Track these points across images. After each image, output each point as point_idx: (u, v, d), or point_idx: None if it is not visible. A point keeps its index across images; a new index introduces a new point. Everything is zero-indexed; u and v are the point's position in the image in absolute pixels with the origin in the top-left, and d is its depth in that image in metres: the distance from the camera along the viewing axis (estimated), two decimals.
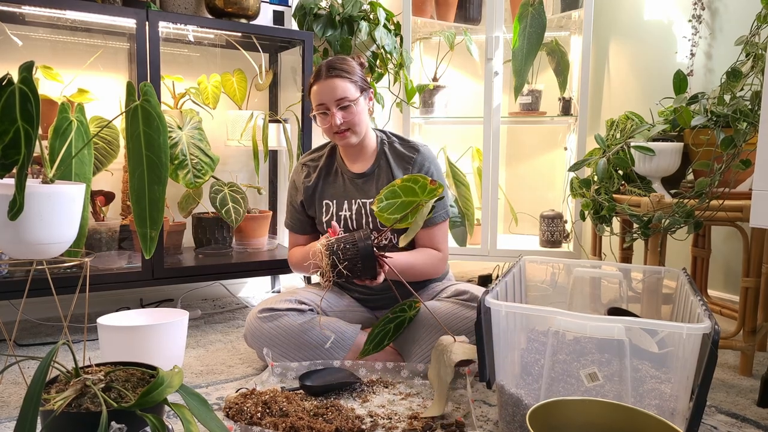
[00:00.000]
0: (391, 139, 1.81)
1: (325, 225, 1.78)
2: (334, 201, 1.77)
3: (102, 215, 2.18)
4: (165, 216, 1.75)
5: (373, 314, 1.80)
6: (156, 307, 2.31)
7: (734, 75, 1.74)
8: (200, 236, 2.36)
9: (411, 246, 1.80)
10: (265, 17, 2.33)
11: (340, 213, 1.76)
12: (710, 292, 2.41)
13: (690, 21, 2.46)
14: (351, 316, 1.76)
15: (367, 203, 1.74)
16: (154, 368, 1.13)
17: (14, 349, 1.84)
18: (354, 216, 1.75)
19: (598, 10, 2.84)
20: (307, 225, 1.85)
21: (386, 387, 1.50)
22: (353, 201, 1.75)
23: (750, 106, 1.65)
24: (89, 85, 2.13)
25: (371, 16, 2.47)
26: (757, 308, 1.73)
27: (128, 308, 1.95)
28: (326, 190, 1.79)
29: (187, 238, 2.40)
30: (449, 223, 2.49)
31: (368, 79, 1.75)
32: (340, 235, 1.48)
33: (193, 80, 2.38)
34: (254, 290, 2.70)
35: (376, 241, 1.47)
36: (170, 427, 1.03)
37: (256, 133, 2.28)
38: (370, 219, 1.74)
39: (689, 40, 2.47)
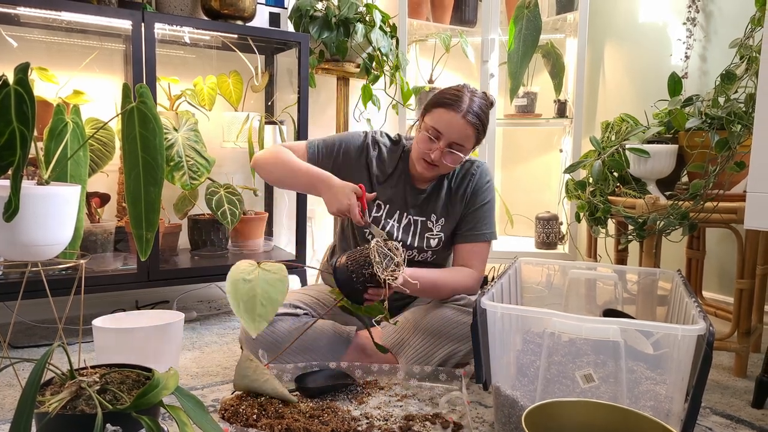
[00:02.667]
0: None
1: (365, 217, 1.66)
2: (388, 206, 1.68)
3: (97, 217, 2.17)
4: (161, 218, 1.75)
5: (367, 317, 1.80)
6: (151, 308, 2.30)
7: (728, 77, 1.75)
8: (196, 238, 2.36)
9: (446, 260, 1.78)
10: (261, 19, 2.33)
11: (388, 220, 1.68)
12: (705, 293, 2.42)
13: (685, 24, 2.47)
14: (346, 319, 1.76)
15: (419, 222, 1.68)
16: (149, 370, 1.12)
17: (9, 351, 1.84)
18: (402, 228, 1.68)
19: (593, 13, 2.85)
20: (328, 168, 1.64)
21: (382, 388, 1.50)
22: (405, 215, 1.69)
23: (744, 109, 1.66)
24: (85, 87, 2.13)
25: (367, 18, 2.47)
26: (751, 310, 1.74)
27: (123, 310, 1.95)
28: (385, 190, 1.68)
29: (183, 240, 2.39)
30: None
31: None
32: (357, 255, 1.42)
33: (189, 82, 2.37)
34: None
35: (367, 276, 1.40)
36: (165, 429, 1.03)
37: (252, 135, 2.28)
38: (417, 237, 1.68)
39: (684, 42, 2.49)
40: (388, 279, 1.38)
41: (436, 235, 1.69)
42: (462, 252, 1.69)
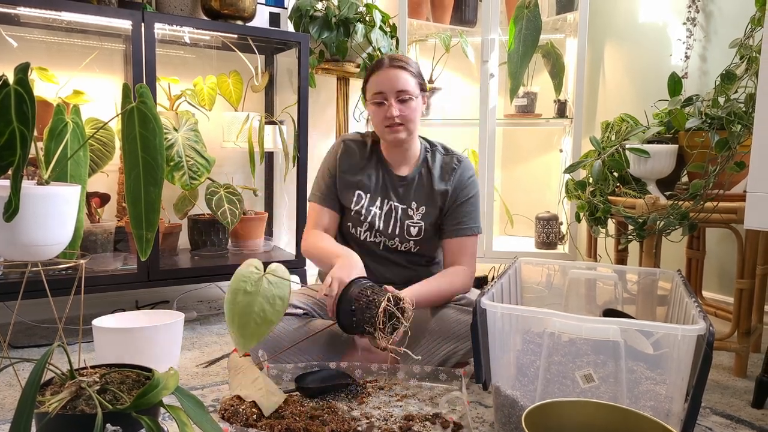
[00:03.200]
0: (435, 147, 1.78)
1: (348, 220, 1.73)
2: (368, 195, 1.72)
3: (97, 217, 2.17)
4: (161, 218, 1.75)
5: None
6: (151, 308, 2.30)
7: (728, 77, 1.75)
8: (196, 238, 2.36)
9: (433, 257, 1.80)
10: (261, 19, 2.33)
11: (370, 208, 1.72)
12: (705, 293, 2.42)
13: (684, 24, 2.47)
14: None
15: (400, 209, 1.72)
16: (149, 370, 1.12)
17: (9, 351, 1.84)
18: (383, 216, 1.72)
19: (593, 13, 2.85)
20: (334, 201, 1.75)
21: (382, 388, 1.50)
22: (386, 201, 1.72)
23: (744, 109, 1.66)
24: (85, 87, 2.13)
25: (367, 18, 2.47)
26: (751, 310, 1.74)
27: (123, 310, 1.95)
28: (362, 181, 1.73)
29: (183, 240, 2.39)
30: None
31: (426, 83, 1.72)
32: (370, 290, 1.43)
33: (189, 82, 2.37)
34: None
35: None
36: (165, 429, 1.03)
37: (252, 135, 2.28)
38: (398, 224, 1.71)
39: (684, 42, 2.49)
40: (387, 344, 1.38)
41: (417, 223, 1.71)
42: (451, 247, 1.71)
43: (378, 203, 1.72)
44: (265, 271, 1.35)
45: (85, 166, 1.45)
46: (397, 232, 1.72)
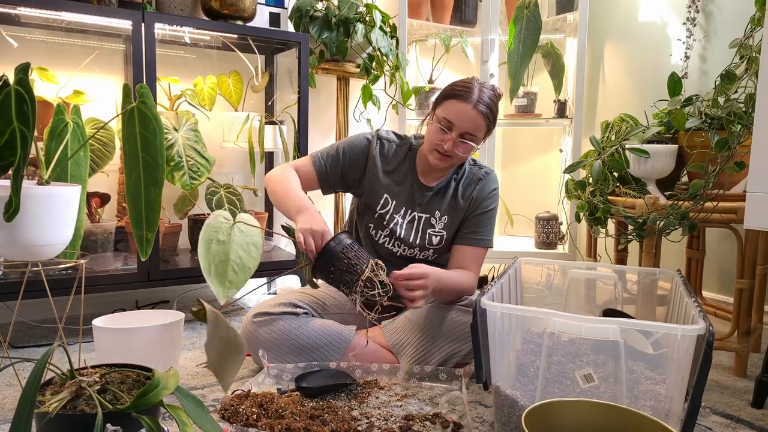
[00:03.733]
0: (463, 161, 1.75)
1: (368, 219, 1.71)
2: (394, 201, 1.71)
3: (98, 217, 2.17)
4: (161, 218, 1.75)
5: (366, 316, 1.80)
6: (151, 308, 2.30)
7: (728, 77, 1.75)
8: (196, 238, 2.35)
9: (441, 255, 1.80)
10: (261, 19, 2.33)
11: (395, 215, 1.70)
12: (705, 293, 2.42)
13: (684, 24, 2.47)
14: (346, 318, 1.76)
15: (423, 218, 1.71)
16: (149, 370, 1.12)
17: (9, 351, 1.84)
18: (405, 224, 1.70)
19: (593, 13, 2.86)
20: (333, 182, 1.72)
21: (382, 388, 1.50)
22: (410, 211, 1.71)
23: (744, 109, 1.66)
24: (85, 87, 2.13)
25: (367, 18, 2.47)
26: (751, 309, 1.74)
27: (123, 310, 1.95)
28: (390, 186, 1.71)
29: (183, 240, 2.39)
30: None
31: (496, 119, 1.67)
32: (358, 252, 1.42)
33: (189, 82, 2.37)
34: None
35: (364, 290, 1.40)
36: (166, 429, 1.03)
37: (252, 135, 2.28)
38: (419, 234, 1.71)
39: (683, 42, 2.49)
40: (365, 314, 1.40)
41: (438, 232, 1.71)
42: (460, 253, 1.71)
43: (402, 212, 1.71)
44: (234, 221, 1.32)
45: (85, 166, 1.45)
46: (417, 242, 1.71)
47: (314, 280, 1.49)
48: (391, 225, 1.70)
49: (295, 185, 1.63)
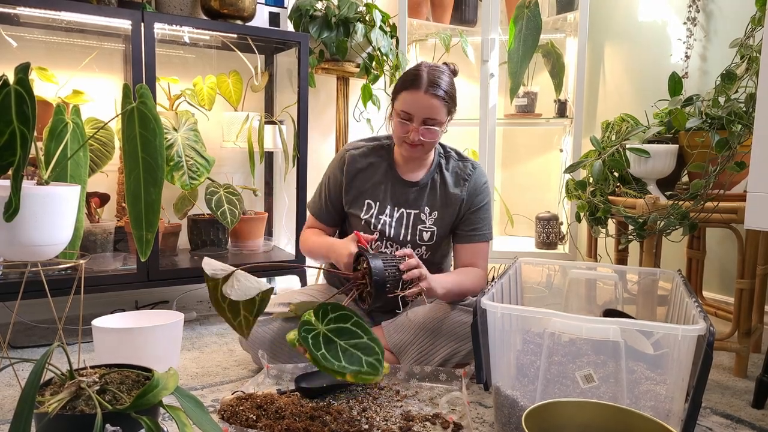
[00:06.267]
0: (449, 153, 1.77)
1: (357, 228, 1.74)
2: (377, 203, 1.71)
3: (97, 217, 2.17)
4: (160, 218, 1.74)
5: (368, 317, 1.80)
6: (151, 309, 2.30)
7: (729, 77, 1.75)
8: (196, 238, 2.35)
9: (442, 265, 1.80)
10: (260, 19, 2.33)
11: (380, 216, 1.70)
12: (705, 293, 2.42)
13: (685, 23, 2.47)
14: None
15: (412, 214, 1.70)
16: (149, 370, 1.12)
17: (8, 351, 1.84)
18: (394, 224, 1.70)
19: (593, 13, 2.85)
20: (334, 217, 1.77)
21: (382, 389, 1.50)
22: (397, 208, 1.71)
23: (744, 109, 1.66)
24: (84, 87, 2.13)
25: (367, 18, 2.47)
26: (751, 310, 1.74)
27: (123, 310, 1.95)
28: (371, 189, 1.72)
29: (183, 240, 2.39)
30: None
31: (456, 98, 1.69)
32: (385, 256, 1.45)
33: (188, 82, 2.37)
34: None
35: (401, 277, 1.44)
36: (165, 429, 1.03)
37: (252, 135, 2.28)
38: (410, 230, 1.70)
39: (684, 42, 2.49)
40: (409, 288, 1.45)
41: (429, 228, 1.71)
42: (466, 252, 1.71)
43: (388, 211, 1.71)
44: None
45: (85, 166, 1.45)
46: (408, 238, 1.70)
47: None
48: (379, 226, 1.70)
49: (316, 236, 1.74)
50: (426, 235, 1.71)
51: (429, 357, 1.59)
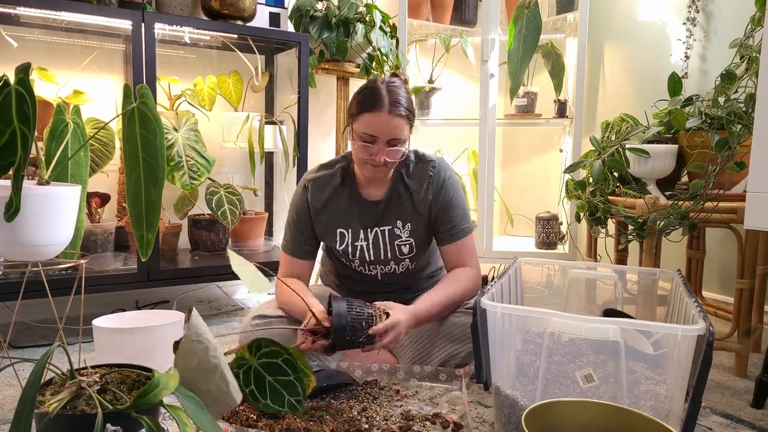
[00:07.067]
0: (407, 159, 1.67)
1: (337, 256, 1.70)
2: (350, 230, 1.65)
3: (98, 217, 2.17)
4: (161, 218, 1.74)
5: None
6: (151, 308, 2.30)
7: (728, 77, 1.75)
8: (196, 238, 2.36)
9: (434, 268, 1.78)
10: (261, 19, 2.33)
11: (356, 243, 1.65)
12: (705, 293, 2.42)
13: (684, 23, 2.47)
14: None
15: (387, 231, 1.64)
16: (149, 370, 1.12)
17: (9, 351, 1.84)
18: (371, 245, 1.65)
19: (593, 13, 2.85)
20: (309, 251, 1.69)
21: (382, 388, 1.50)
22: (369, 230, 1.65)
23: (744, 109, 1.66)
24: (85, 87, 2.13)
25: (367, 18, 2.47)
26: (751, 310, 1.74)
27: (124, 310, 1.95)
28: (340, 218, 1.65)
29: (183, 240, 2.39)
30: None
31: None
32: (354, 302, 1.41)
33: (189, 82, 2.37)
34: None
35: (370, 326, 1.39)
36: (166, 429, 1.03)
37: (252, 135, 2.28)
38: (388, 248, 1.65)
39: (684, 42, 2.49)
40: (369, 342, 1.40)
41: (406, 241, 1.65)
42: (451, 253, 1.65)
43: (362, 235, 1.65)
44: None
45: (85, 167, 1.45)
46: (390, 256, 1.65)
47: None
48: (358, 253, 1.65)
49: (292, 295, 1.58)
50: (405, 249, 1.65)
51: (428, 358, 1.59)
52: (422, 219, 1.64)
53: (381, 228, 1.65)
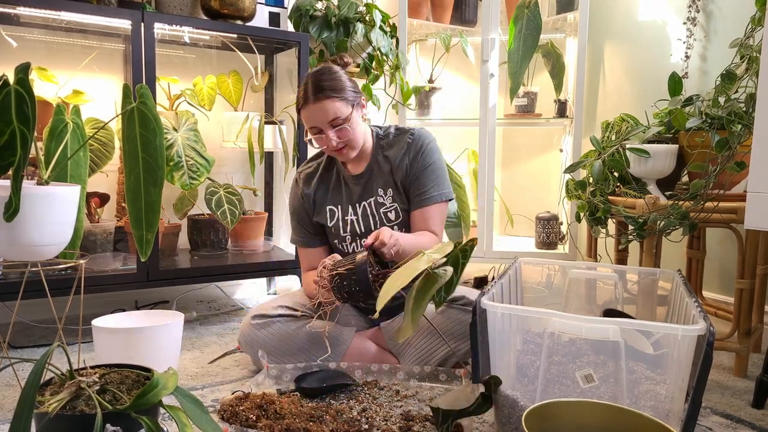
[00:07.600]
0: (387, 131, 1.76)
1: (331, 238, 1.76)
2: (339, 206, 1.74)
3: (97, 217, 2.17)
4: (160, 218, 1.74)
5: (366, 317, 1.80)
6: (151, 309, 2.30)
7: (729, 77, 1.75)
8: (195, 238, 2.35)
9: (407, 228, 1.79)
10: (260, 19, 2.33)
11: (346, 218, 1.72)
12: (705, 293, 2.42)
13: (685, 23, 2.47)
14: (345, 320, 1.75)
15: (372, 202, 1.71)
16: (149, 370, 1.12)
17: (8, 351, 1.84)
18: (361, 219, 1.71)
19: (593, 13, 2.85)
20: (316, 237, 1.79)
21: (382, 389, 1.50)
22: (357, 204, 1.72)
23: (744, 109, 1.66)
24: (84, 87, 2.13)
25: (367, 18, 2.47)
26: (751, 310, 1.74)
27: (123, 310, 1.95)
28: (329, 196, 1.75)
29: (183, 240, 2.39)
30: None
31: (357, 84, 1.68)
32: (338, 264, 1.45)
33: (188, 82, 2.37)
34: (250, 292, 2.70)
35: (373, 271, 1.44)
36: (165, 429, 1.03)
37: (252, 135, 2.28)
38: (377, 218, 1.71)
39: (684, 42, 2.49)
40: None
41: (390, 206, 1.71)
42: (417, 218, 1.69)
43: (351, 210, 1.72)
44: None
45: (85, 166, 1.45)
46: (379, 225, 1.70)
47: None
48: (349, 227, 1.72)
49: (309, 288, 1.73)
50: (392, 215, 1.71)
51: (428, 357, 1.59)
52: (398, 183, 1.71)
53: (368, 200, 1.72)
